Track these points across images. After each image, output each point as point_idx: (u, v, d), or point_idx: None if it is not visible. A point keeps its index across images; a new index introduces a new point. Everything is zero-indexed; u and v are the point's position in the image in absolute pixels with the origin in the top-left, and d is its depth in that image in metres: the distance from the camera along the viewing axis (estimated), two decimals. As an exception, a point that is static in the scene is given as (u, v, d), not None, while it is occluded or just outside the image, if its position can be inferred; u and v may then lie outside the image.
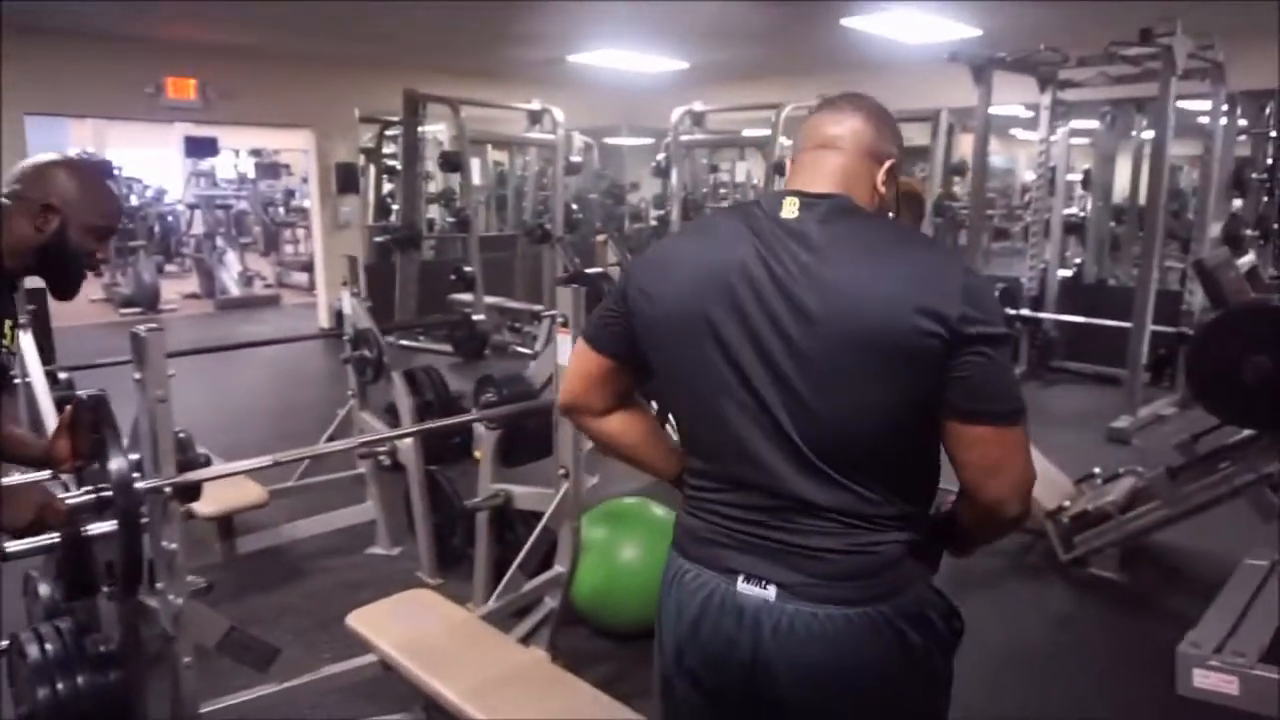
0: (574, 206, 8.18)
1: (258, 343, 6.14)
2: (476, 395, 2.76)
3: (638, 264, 1.31)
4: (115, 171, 11.89)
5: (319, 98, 8.16)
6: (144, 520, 1.74)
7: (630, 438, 1.39)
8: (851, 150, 1.21)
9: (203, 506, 3.02)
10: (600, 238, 5.60)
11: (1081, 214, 7.29)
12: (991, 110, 5.46)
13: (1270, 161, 6.41)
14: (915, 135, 9.45)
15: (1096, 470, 3.74)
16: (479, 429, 2.98)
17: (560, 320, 2.46)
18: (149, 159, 13.21)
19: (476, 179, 8.82)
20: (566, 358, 2.48)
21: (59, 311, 7.85)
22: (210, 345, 5.93)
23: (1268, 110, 6.42)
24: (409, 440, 3.27)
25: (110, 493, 1.60)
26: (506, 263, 8.45)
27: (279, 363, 7.11)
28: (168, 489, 1.78)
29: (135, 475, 1.68)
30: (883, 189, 1.22)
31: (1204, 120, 6.02)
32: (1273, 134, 6.46)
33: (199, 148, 10.52)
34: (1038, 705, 2.62)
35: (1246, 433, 3.07)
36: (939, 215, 8.35)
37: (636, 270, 1.28)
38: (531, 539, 2.63)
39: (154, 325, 1.80)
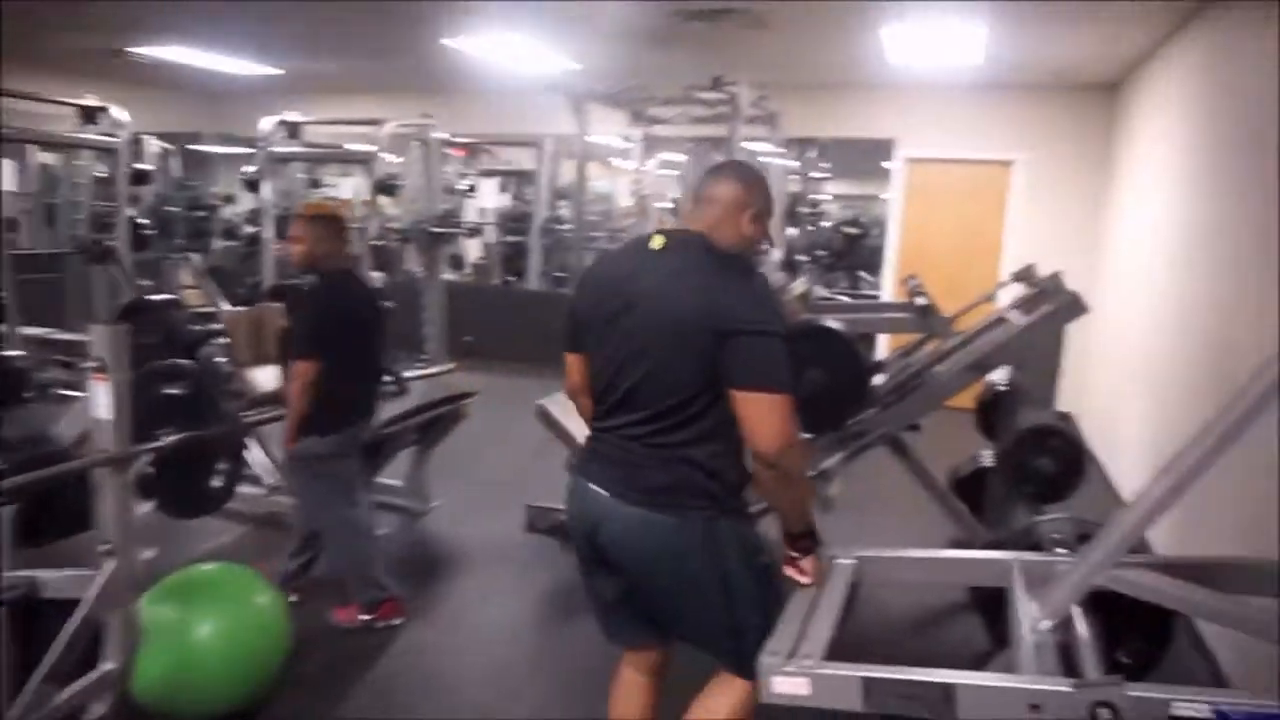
0: (143, 221, 7.10)
1: None
2: (-21, 462, 2.16)
3: (577, 285, 1.98)
4: None
5: None
6: None
7: None
8: (722, 204, 1.81)
9: None
10: (182, 257, 4.86)
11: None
12: (592, 139, 5.76)
13: (814, 198, 7.53)
14: (522, 160, 9.77)
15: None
16: None
17: (96, 364, 2.01)
18: None
19: (9, 184, 7.30)
20: (107, 410, 2.04)
21: None
22: None
23: (809, 154, 7.55)
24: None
25: None
26: (56, 285, 7.10)
27: None
28: None
29: None
30: (746, 230, 1.82)
31: (765, 160, 6.90)
32: (813, 175, 7.60)
33: None
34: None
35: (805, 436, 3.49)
36: (545, 236, 8.68)
37: (576, 289, 1.97)
38: (64, 636, 2.13)
39: None
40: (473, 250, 10.35)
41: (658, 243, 1.81)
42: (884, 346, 5.97)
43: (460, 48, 6.00)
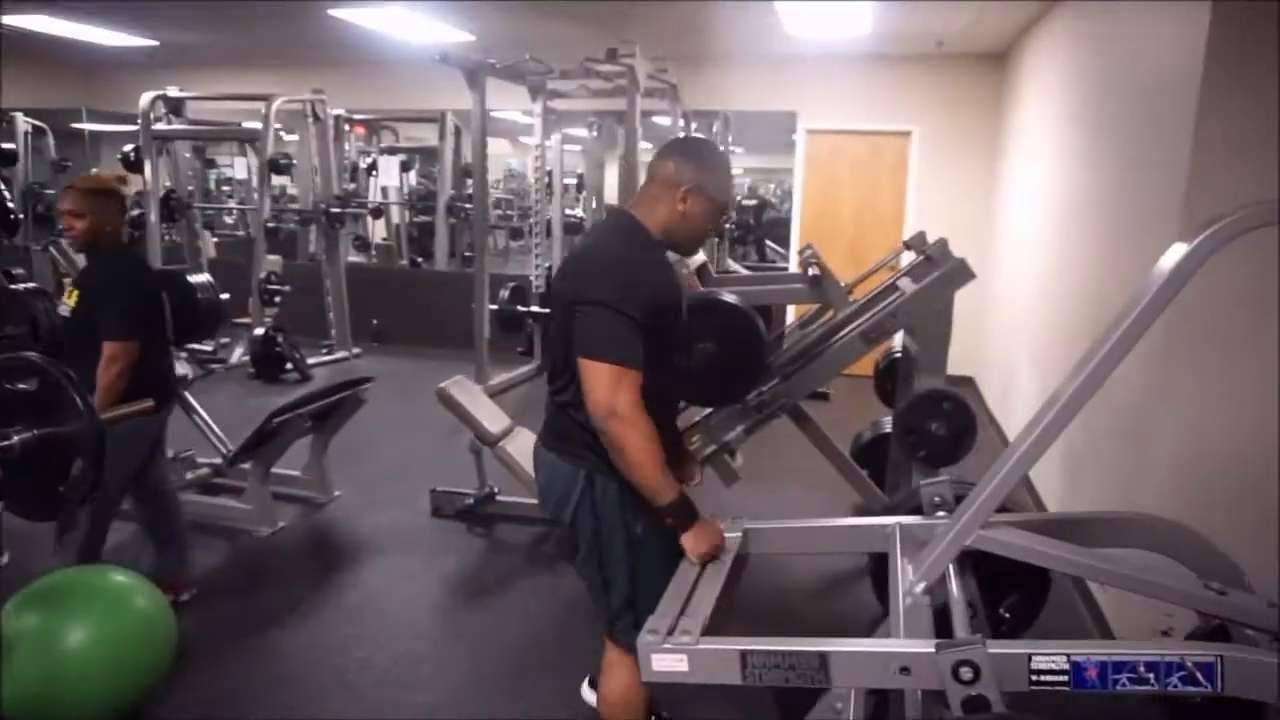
0: (9, 205, 6.65)
1: None
2: None
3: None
4: None
5: None
6: None
7: None
8: (658, 181, 1.91)
9: None
10: (49, 243, 4.56)
11: (581, 215, 7.90)
12: (498, 115, 5.59)
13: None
14: (425, 135, 9.50)
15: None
16: None
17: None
18: None
19: None
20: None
21: None
22: None
23: (714, 127, 7.54)
24: None
25: None
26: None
27: None
28: None
29: None
30: (681, 206, 1.90)
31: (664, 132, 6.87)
32: (722, 147, 7.59)
33: None
34: (560, 700, 2.69)
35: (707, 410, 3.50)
36: (451, 215, 8.48)
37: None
38: (-90, 653, 1.98)
39: None
40: (378, 231, 10.07)
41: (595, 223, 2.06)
42: (794, 318, 6.05)
43: (348, 19, 5.78)
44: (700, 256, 3.78)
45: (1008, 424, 5.45)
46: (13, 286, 4.13)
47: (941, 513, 1.94)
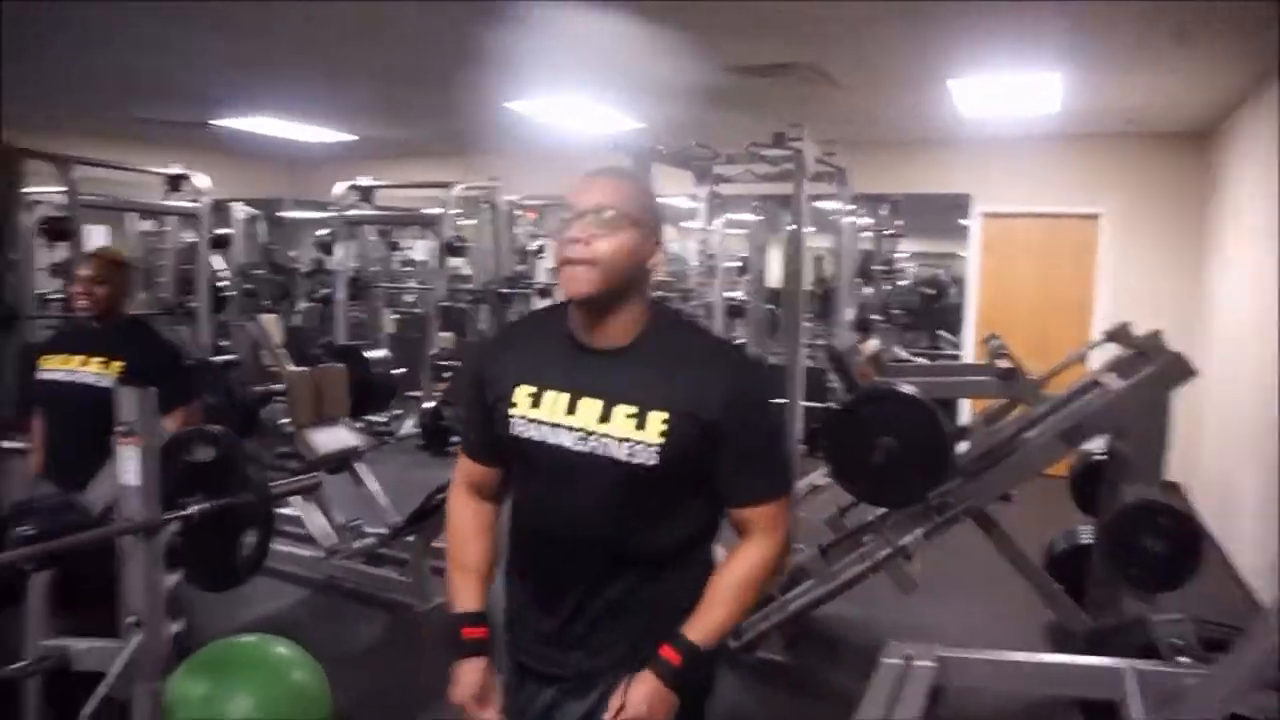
0: (222, 282, 7.28)
1: None
2: (9, 525, 2.11)
3: None
4: None
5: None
6: None
7: None
8: None
9: None
10: (248, 319, 4.93)
11: (742, 298, 7.81)
12: (663, 199, 5.65)
13: (888, 256, 7.29)
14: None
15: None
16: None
17: (122, 429, 1.94)
18: None
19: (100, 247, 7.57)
20: (134, 475, 1.95)
21: None
22: None
23: (882, 212, 7.34)
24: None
25: None
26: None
27: None
28: None
29: None
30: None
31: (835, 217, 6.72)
32: (887, 232, 7.37)
33: None
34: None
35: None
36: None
37: None
38: (85, 712, 2.02)
39: None
40: (543, 311, 10.38)
41: None
42: (967, 412, 5.65)
43: (522, 111, 6.04)
44: (874, 343, 3.57)
45: (1230, 541, 4.78)
46: (212, 359, 4.43)
47: (1186, 659, 1.62)
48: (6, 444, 6.28)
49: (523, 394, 1.40)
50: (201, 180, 7.00)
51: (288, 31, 4.34)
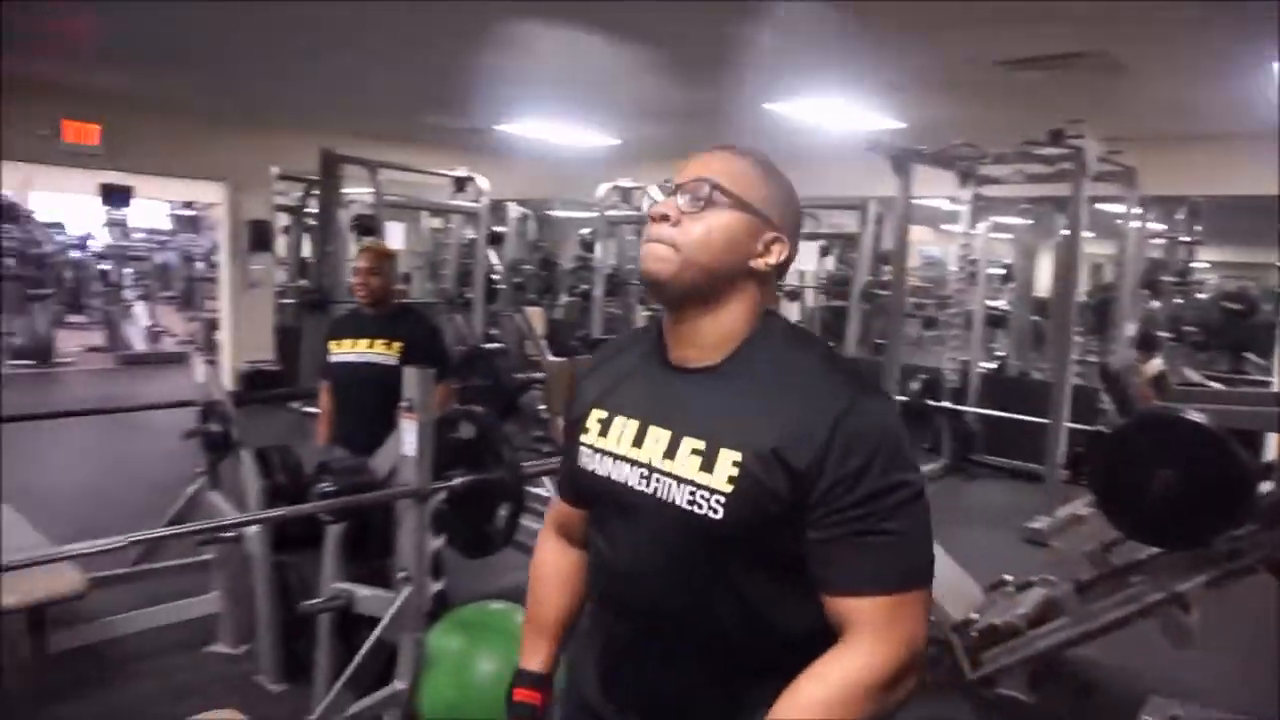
0: (495, 276, 7.96)
1: (100, 410, 5.38)
2: (312, 482, 2.45)
3: None
4: (27, 214, 11.43)
5: (232, 151, 7.86)
6: None
7: None
8: None
9: (5, 597, 2.64)
10: (515, 311, 5.36)
11: (1005, 307, 7.31)
12: (920, 201, 5.44)
13: (1182, 265, 6.50)
14: (845, 221, 9.58)
15: (1008, 578, 3.53)
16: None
17: (405, 404, 2.19)
18: (76, 206, 12.73)
19: (399, 244, 8.57)
20: (412, 447, 2.21)
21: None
22: (56, 410, 5.36)
23: (1178, 216, 6.55)
24: (255, 528, 2.92)
25: None
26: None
27: (161, 430, 6.63)
28: None
29: None
30: None
31: (1120, 222, 6.09)
32: (1184, 239, 6.56)
33: (113, 196, 10.07)
34: None
35: (1156, 548, 2.90)
36: (865, 301, 8.37)
37: None
38: (363, 651, 2.31)
39: None
40: (792, 314, 10.35)
41: None
42: (1275, 448, 4.90)
43: (782, 111, 6.03)
44: (1157, 363, 3.21)
45: None
46: (483, 345, 4.86)
47: None
48: (310, 409, 7.28)
49: (594, 419, 1.15)
50: (482, 181, 7.71)
51: (558, 47, 4.64)
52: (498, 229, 9.16)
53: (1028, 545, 4.82)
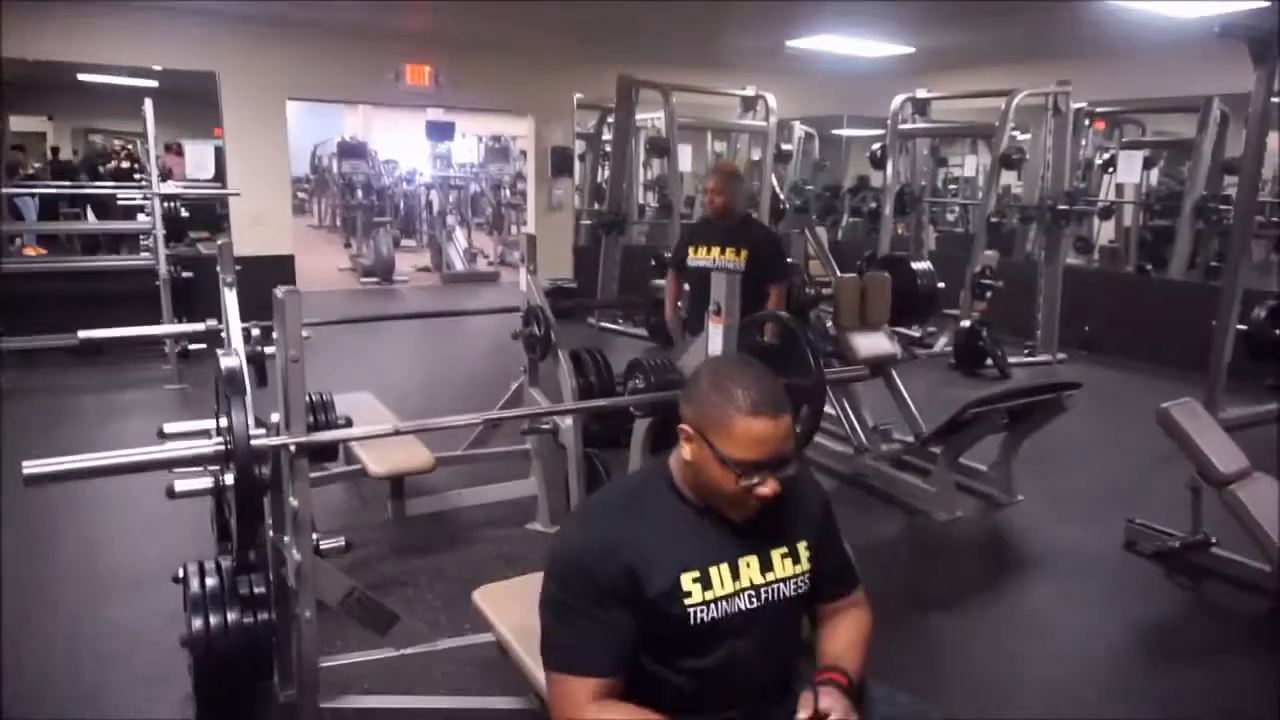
0: (781, 197, 7.92)
1: (434, 314, 6.70)
2: (625, 379, 2.66)
3: None
4: (370, 153, 13.12)
5: (540, 85, 8.45)
6: (267, 475, 1.79)
7: None
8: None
9: (374, 466, 3.18)
10: (795, 230, 5.33)
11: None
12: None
13: None
14: (1177, 128, 8.36)
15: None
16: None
17: (713, 309, 2.31)
18: (407, 143, 14.41)
19: (687, 165, 8.78)
20: (718, 348, 2.33)
21: (310, 278, 8.76)
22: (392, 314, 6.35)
23: None
24: (569, 420, 3.24)
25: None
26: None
27: (489, 333, 7.43)
28: (292, 446, 1.82)
29: (259, 432, 1.72)
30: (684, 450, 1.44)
31: None
32: None
33: (437, 132, 11.24)
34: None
35: None
36: (1199, 219, 7.32)
37: None
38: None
39: (292, 289, 1.84)
40: (1104, 233, 9.30)
41: None
42: None
43: (1116, 4, 5.36)
44: None
45: None
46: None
47: None
48: (610, 326, 7.76)
49: (689, 581, 1.34)
50: (771, 100, 7.65)
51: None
52: (785, 147, 9.08)
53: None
